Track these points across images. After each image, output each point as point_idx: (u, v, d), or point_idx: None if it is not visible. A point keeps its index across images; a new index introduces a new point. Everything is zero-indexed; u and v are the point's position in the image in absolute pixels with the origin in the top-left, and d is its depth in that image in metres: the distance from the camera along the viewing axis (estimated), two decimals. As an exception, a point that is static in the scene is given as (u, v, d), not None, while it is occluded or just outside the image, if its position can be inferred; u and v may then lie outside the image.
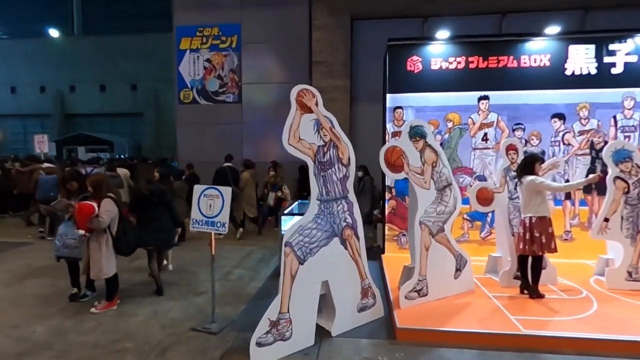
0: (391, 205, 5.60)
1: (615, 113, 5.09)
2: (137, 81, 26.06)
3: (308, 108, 3.42)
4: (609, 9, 8.78)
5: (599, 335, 3.06)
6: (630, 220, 4.16)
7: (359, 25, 9.67)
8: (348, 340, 3.22)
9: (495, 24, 9.15)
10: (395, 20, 9.39)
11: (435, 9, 9.10)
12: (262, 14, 9.72)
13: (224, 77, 10.06)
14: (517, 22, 9.01)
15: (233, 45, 9.97)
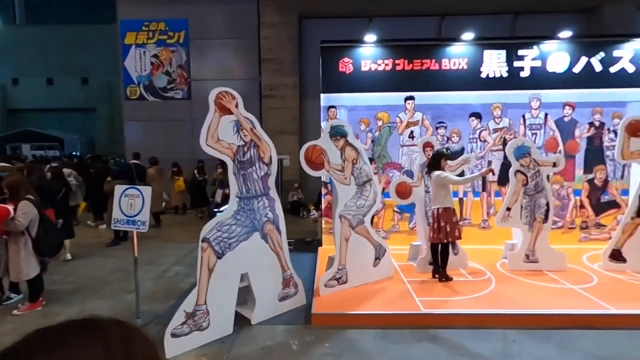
0: (327, 200, 5.88)
1: (524, 112, 5.64)
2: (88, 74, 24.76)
3: (227, 110, 3.58)
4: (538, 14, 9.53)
5: (486, 310, 3.50)
6: (528, 209, 4.68)
7: (307, 23, 9.86)
8: (266, 328, 3.46)
9: (436, 25, 9.67)
10: (342, 19, 9.66)
11: (380, 10, 9.46)
12: (210, 9, 9.66)
13: (172, 73, 9.91)
14: (456, 24, 9.54)
15: (181, 41, 9.84)
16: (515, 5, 9.39)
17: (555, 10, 9.39)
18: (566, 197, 5.72)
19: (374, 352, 3.02)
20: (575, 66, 5.53)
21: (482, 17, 9.54)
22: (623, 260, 4.55)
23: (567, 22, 9.48)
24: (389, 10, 9.42)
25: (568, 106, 5.59)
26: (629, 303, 3.61)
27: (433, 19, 9.62)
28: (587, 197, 5.70)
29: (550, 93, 5.57)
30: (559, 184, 5.71)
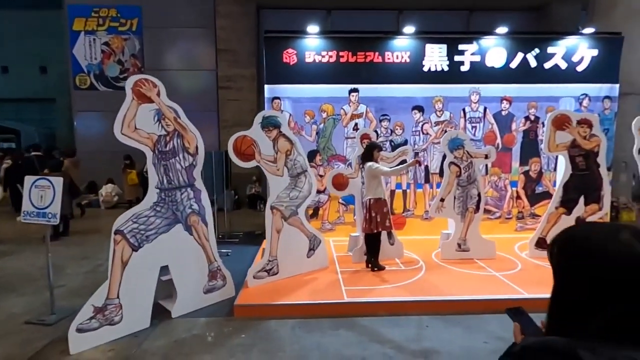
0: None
1: (464, 106, 5.78)
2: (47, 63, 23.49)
3: (147, 98, 3.47)
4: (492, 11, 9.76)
5: (406, 298, 3.59)
6: (461, 200, 4.82)
7: (266, 14, 9.71)
8: (185, 320, 3.41)
9: (394, 19, 9.74)
10: (301, 10, 9.57)
11: (339, 2, 9.44)
12: (164, -4, 9.33)
13: (124, 62, 9.55)
14: (414, 18, 9.65)
15: (134, 29, 9.47)
16: (470, 2, 9.59)
17: (508, 7, 9.66)
18: (503, 189, 5.94)
19: (288, 341, 3.04)
20: (512, 62, 5.70)
21: (438, 13, 9.70)
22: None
23: (518, 19, 9.80)
24: (347, 3, 9.41)
25: (505, 100, 5.78)
26: (542, 288, 3.78)
27: (391, 13, 9.69)
28: (522, 188, 5.94)
29: (489, 87, 5.73)
30: (496, 176, 5.91)
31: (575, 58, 5.75)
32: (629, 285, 0.70)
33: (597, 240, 0.76)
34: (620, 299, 0.71)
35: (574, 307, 0.76)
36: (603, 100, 5.87)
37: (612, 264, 0.73)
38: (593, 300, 0.73)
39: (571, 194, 4.73)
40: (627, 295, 0.70)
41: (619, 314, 0.70)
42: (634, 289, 0.70)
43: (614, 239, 0.75)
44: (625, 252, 0.73)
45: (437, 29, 7.08)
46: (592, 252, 0.76)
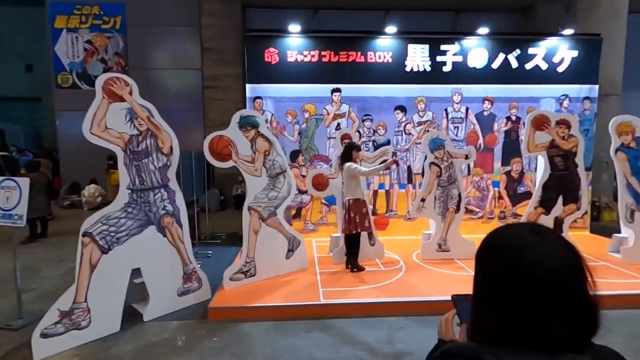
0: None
1: (446, 106, 5.79)
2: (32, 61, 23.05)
3: (119, 97, 3.39)
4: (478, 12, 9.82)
5: (382, 299, 3.56)
6: (441, 200, 4.82)
7: (252, 12, 9.65)
8: (158, 324, 3.34)
9: (380, 20, 9.74)
10: (287, 10, 9.53)
11: (324, 2, 9.41)
12: (148, -6, 9.21)
13: (108, 60, 9.41)
14: (401, 19, 9.67)
15: (117, 27, 9.34)
16: (456, 3, 9.64)
17: (493, 8, 9.73)
18: (486, 189, 5.96)
19: (260, 344, 3.00)
20: (494, 62, 5.73)
21: (424, 13, 9.73)
22: (527, 247, 4.79)
23: (504, 20, 9.89)
24: (334, 3, 9.39)
25: (487, 101, 5.80)
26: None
27: (377, 13, 9.69)
28: (504, 188, 5.97)
29: (471, 88, 5.75)
30: (478, 176, 5.93)
31: (556, 59, 5.80)
32: (534, 288, 0.69)
33: (508, 241, 0.75)
34: (529, 301, 0.69)
35: (491, 309, 0.75)
36: (583, 101, 5.93)
37: (519, 265, 0.71)
38: (507, 303, 0.72)
39: (550, 193, 4.75)
40: (533, 299, 0.68)
41: (526, 318, 0.69)
42: (539, 292, 0.68)
43: (520, 239, 0.74)
44: (528, 253, 0.71)
45: (424, 29, 7.10)
46: (503, 253, 0.74)
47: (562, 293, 0.68)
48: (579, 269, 0.71)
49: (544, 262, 0.69)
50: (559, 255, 0.71)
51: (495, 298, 0.73)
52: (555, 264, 0.69)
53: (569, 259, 0.71)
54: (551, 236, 0.74)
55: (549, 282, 0.68)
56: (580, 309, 0.69)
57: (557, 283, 0.68)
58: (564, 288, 0.68)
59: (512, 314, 0.70)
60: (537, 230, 0.76)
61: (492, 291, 0.75)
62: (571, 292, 0.69)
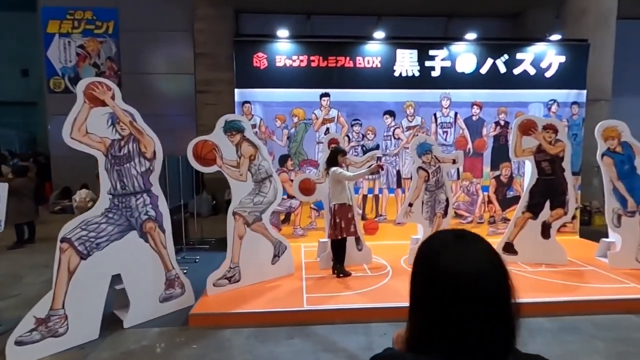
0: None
1: (435, 111, 5.80)
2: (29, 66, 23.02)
3: (101, 101, 3.38)
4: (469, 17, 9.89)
5: (365, 305, 3.53)
6: (429, 205, 4.81)
7: (245, 18, 9.68)
8: (138, 331, 3.30)
9: (373, 25, 9.78)
10: (280, 15, 9.56)
11: (317, 7, 9.45)
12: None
13: (100, 65, 9.40)
14: (392, 24, 9.73)
15: (110, 32, 9.34)
16: (448, 9, 9.70)
17: (485, 14, 9.80)
18: (475, 193, 5.96)
19: (240, 351, 2.96)
20: (482, 67, 5.75)
21: (416, 19, 9.79)
22: (515, 252, 4.79)
23: (495, 26, 9.95)
24: (326, 8, 9.43)
25: (476, 105, 5.82)
26: (505, 293, 3.78)
27: (370, 19, 9.73)
28: (494, 192, 5.97)
29: (460, 92, 5.77)
30: (468, 181, 5.93)
31: (544, 64, 5.83)
32: (452, 294, 0.68)
33: (430, 246, 0.76)
34: (448, 307, 0.68)
35: (416, 316, 0.74)
36: (571, 105, 5.96)
37: (437, 270, 0.71)
38: (428, 308, 0.71)
39: (537, 198, 4.75)
40: (451, 305, 0.68)
41: (445, 325, 0.68)
42: (456, 298, 0.67)
43: (441, 244, 0.74)
44: (446, 259, 0.71)
45: (416, 34, 7.14)
46: (425, 258, 0.74)
47: (479, 300, 0.67)
48: (497, 276, 0.70)
49: (460, 267, 0.69)
50: (476, 261, 0.70)
51: (419, 303, 0.73)
52: (471, 270, 0.69)
53: (486, 265, 0.70)
54: (473, 242, 0.74)
55: (465, 287, 0.67)
56: (499, 316, 0.68)
57: (474, 289, 0.67)
58: (481, 295, 0.67)
59: (433, 321, 0.70)
60: (459, 236, 0.75)
61: (416, 296, 0.75)
62: (489, 299, 0.68)
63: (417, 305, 0.73)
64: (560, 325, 3.36)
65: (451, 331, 0.67)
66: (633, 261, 4.51)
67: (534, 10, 9.48)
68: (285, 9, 9.46)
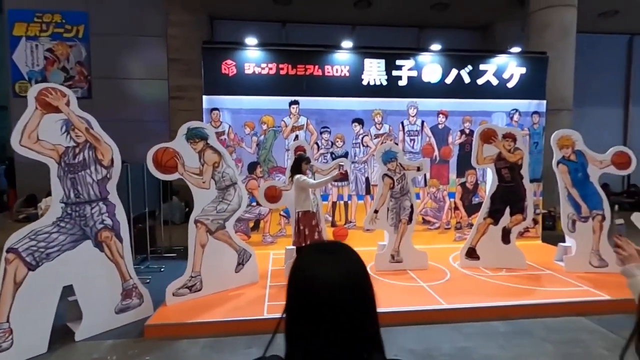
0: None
1: (402, 119, 5.93)
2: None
3: (54, 107, 3.30)
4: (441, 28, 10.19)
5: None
6: (394, 211, 4.88)
7: (220, 25, 9.67)
8: (90, 344, 3.20)
9: (348, 34, 9.95)
10: (256, 22, 9.60)
11: (292, 16, 9.54)
12: (113, 3, 9.11)
13: (69, 69, 9.17)
14: (366, 33, 9.94)
15: (80, 35, 9.14)
16: (421, 20, 9.97)
17: (456, 26, 10.12)
18: (442, 200, 6.09)
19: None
20: (447, 77, 5.93)
21: (391, 29, 10.01)
22: (477, 257, 4.91)
23: (466, 37, 10.29)
24: (301, 17, 9.53)
25: (442, 114, 5.97)
26: (464, 297, 3.87)
27: (345, 28, 9.90)
28: (460, 199, 6.12)
29: (426, 101, 5.91)
30: (435, 188, 6.06)
31: (506, 75, 6.05)
32: (310, 307, 0.71)
33: (299, 259, 0.80)
34: (308, 321, 0.71)
35: (296, 329, 0.77)
36: (532, 115, 6.20)
37: (296, 282, 0.75)
38: (296, 314, 0.74)
39: (498, 204, 4.90)
40: (309, 318, 0.70)
41: (308, 331, 0.71)
42: (314, 311, 0.70)
43: (305, 259, 0.78)
44: (307, 271, 0.74)
45: (389, 44, 7.29)
46: (293, 269, 0.78)
47: (330, 307, 0.70)
48: (351, 288, 0.73)
49: (314, 277, 0.72)
50: (332, 272, 0.73)
51: (286, 304, 0.76)
52: (323, 280, 0.72)
53: (340, 277, 0.73)
54: (334, 255, 0.77)
55: (317, 295, 0.71)
56: (349, 324, 0.71)
57: (325, 298, 0.70)
58: (331, 303, 0.70)
59: (293, 322, 0.73)
60: (323, 249, 0.79)
61: (287, 311, 0.77)
62: (339, 308, 0.70)
63: (286, 305, 0.77)
64: (513, 329, 3.46)
65: (306, 333, 0.71)
66: (587, 265, 4.70)
67: (502, 23, 9.86)
68: (260, 16, 9.51)
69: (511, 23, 9.82)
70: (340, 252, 0.78)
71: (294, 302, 0.74)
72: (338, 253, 0.79)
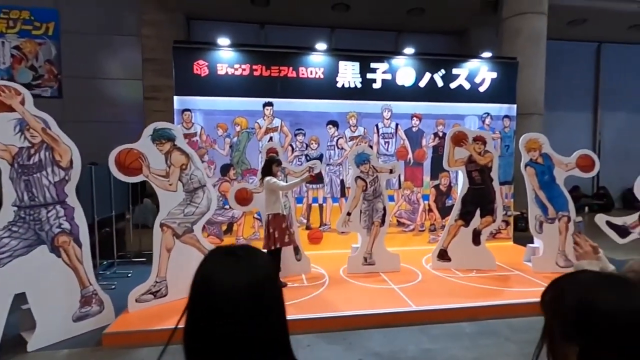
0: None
1: (377, 122, 5.95)
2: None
3: (7, 106, 3.15)
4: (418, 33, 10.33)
5: (291, 316, 3.48)
6: (367, 214, 4.88)
7: (197, 25, 9.53)
8: (44, 354, 3.05)
9: (327, 37, 9.97)
10: (234, 23, 9.50)
11: (271, 17, 9.49)
12: (84, 0, 8.84)
13: (38, 68, 8.83)
14: (345, 36, 9.98)
15: (50, 33, 8.83)
16: (399, 24, 10.08)
17: (433, 30, 10.28)
18: (416, 202, 6.14)
19: (152, 371, 2.81)
20: (421, 81, 5.99)
21: (370, 33, 10.08)
22: (448, 259, 4.96)
23: (443, 41, 10.46)
24: (280, 18, 9.49)
25: (415, 117, 6.03)
26: (433, 299, 3.89)
27: (324, 30, 9.91)
28: (434, 201, 6.18)
29: (400, 104, 5.96)
30: (409, 190, 6.10)
31: (478, 79, 6.17)
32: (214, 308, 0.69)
33: (204, 261, 0.78)
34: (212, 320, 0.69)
35: (189, 323, 0.75)
36: (503, 119, 6.33)
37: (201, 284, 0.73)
38: (197, 318, 0.72)
39: (468, 206, 4.97)
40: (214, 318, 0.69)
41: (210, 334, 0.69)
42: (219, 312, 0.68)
43: (209, 262, 0.76)
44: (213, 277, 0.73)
45: (367, 47, 7.31)
46: (198, 271, 0.77)
47: (232, 311, 0.68)
48: (254, 291, 0.71)
49: (216, 280, 0.71)
50: (234, 276, 0.71)
51: (188, 307, 0.75)
52: (226, 284, 0.70)
53: (244, 280, 0.71)
54: (238, 258, 0.75)
55: (218, 299, 0.69)
56: (252, 328, 0.69)
57: (226, 301, 0.69)
58: (232, 306, 0.68)
59: (195, 325, 0.73)
60: (229, 253, 0.77)
61: (187, 314, 0.75)
62: (240, 311, 0.69)
63: (187, 308, 0.73)
64: (479, 329, 3.49)
65: (207, 337, 0.67)
66: (554, 265, 4.81)
67: (477, 29, 10.07)
68: (238, 17, 9.42)
69: (486, 29, 10.05)
70: (246, 257, 0.75)
71: (194, 305, 0.71)
72: (245, 258, 0.76)
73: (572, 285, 0.77)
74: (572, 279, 0.80)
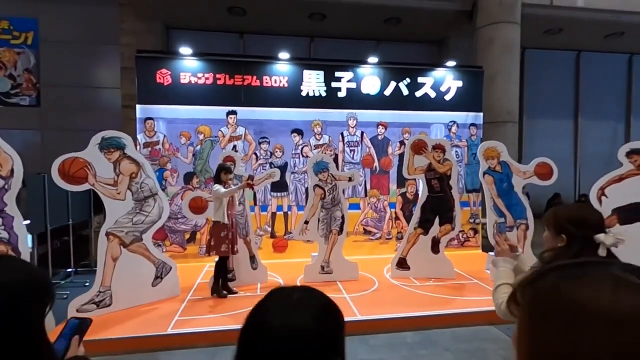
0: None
1: (342, 130, 5.97)
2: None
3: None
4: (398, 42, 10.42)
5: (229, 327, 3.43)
6: (325, 222, 4.86)
7: (176, 34, 9.61)
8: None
9: (306, 46, 10.05)
10: (213, 33, 9.59)
11: (250, 26, 9.58)
12: (64, 10, 8.93)
13: (16, 77, 8.90)
14: (325, 44, 10.06)
15: (29, 42, 8.91)
16: (379, 33, 10.17)
17: (412, 39, 10.36)
18: (383, 210, 6.12)
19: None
20: (386, 89, 6.02)
21: (349, 41, 10.17)
22: (407, 267, 4.93)
23: (422, 50, 10.53)
24: (259, 28, 9.58)
25: (381, 125, 6.05)
26: (381, 308, 3.86)
27: (303, 40, 9.99)
28: (400, 209, 6.17)
29: (366, 113, 5.98)
30: (375, 198, 6.09)
31: (443, 88, 6.20)
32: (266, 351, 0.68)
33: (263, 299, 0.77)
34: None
35: None
36: (469, 127, 6.35)
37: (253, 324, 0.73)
38: None
39: (428, 214, 4.95)
40: None
41: None
42: None
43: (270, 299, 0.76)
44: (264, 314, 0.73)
45: (346, 57, 7.36)
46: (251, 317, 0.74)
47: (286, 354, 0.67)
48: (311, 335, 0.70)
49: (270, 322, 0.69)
50: (290, 319, 0.70)
51: None
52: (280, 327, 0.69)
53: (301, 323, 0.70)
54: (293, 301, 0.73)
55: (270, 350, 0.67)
56: None
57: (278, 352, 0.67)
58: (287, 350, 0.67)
59: None
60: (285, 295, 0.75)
61: None
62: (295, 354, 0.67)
63: None
64: (421, 339, 3.45)
65: None
66: (513, 273, 4.77)
67: (456, 38, 10.15)
68: (217, 27, 9.50)
69: (466, 38, 10.14)
70: (304, 299, 0.74)
71: (243, 347, 0.70)
72: (301, 300, 0.74)
73: None
74: None
